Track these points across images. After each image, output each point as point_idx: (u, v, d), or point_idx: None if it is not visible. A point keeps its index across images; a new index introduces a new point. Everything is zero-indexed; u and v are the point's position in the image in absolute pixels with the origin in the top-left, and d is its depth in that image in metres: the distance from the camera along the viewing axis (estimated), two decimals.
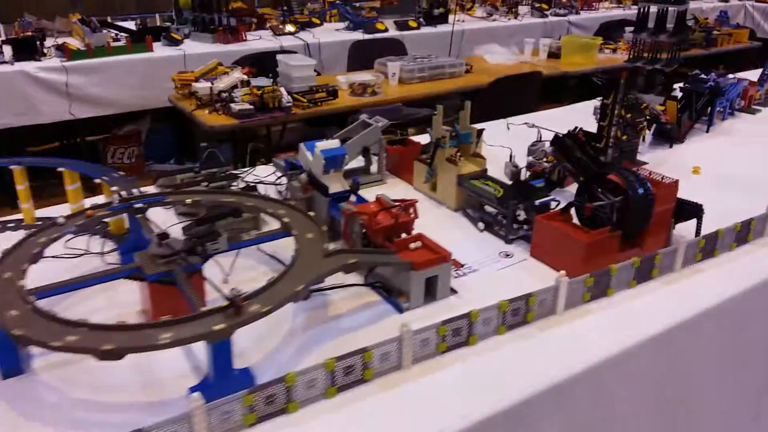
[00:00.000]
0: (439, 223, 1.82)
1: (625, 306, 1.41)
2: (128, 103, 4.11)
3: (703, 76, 2.64)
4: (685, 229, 1.67)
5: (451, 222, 1.83)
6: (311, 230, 1.38)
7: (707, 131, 2.64)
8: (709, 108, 2.63)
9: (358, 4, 5.73)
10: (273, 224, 1.54)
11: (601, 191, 1.56)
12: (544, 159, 2.01)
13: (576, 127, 2.17)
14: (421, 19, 5.36)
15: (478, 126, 2.18)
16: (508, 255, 1.62)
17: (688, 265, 1.56)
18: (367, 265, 1.41)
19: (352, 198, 1.68)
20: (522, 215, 1.64)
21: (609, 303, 1.42)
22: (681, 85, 2.69)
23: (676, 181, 1.60)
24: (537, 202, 1.63)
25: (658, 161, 2.31)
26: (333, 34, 4.98)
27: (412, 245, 1.43)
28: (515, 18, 5.91)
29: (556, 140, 1.97)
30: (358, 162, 2.10)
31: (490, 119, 2.78)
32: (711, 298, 1.45)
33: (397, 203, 1.51)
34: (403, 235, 1.45)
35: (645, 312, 1.39)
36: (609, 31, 5.38)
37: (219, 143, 4.79)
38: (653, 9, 2.94)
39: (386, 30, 5.08)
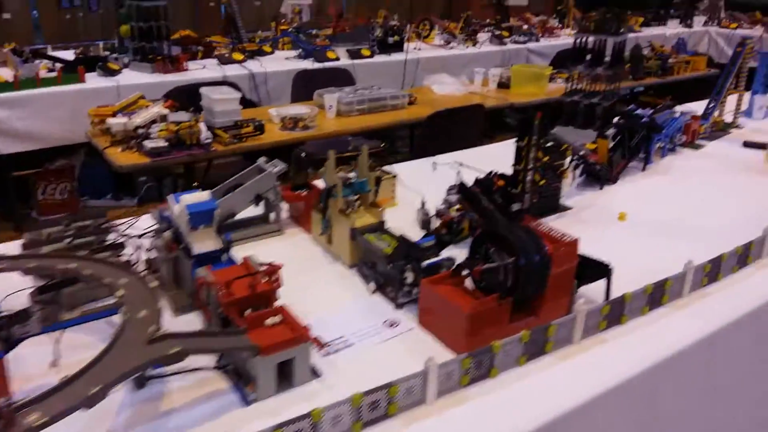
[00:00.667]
0: (330, 281, 1.65)
1: (509, 390, 1.23)
2: (57, 137, 3.91)
3: (638, 111, 2.50)
4: (595, 291, 1.51)
5: (343, 281, 1.65)
6: (147, 306, 1.19)
7: (643, 169, 2.49)
8: (646, 145, 2.49)
9: (314, 32, 5.60)
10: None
11: (494, 250, 1.39)
12: (453, 207, 1.85)
13: (491, 171, 2.01)
14: (375, 48, 5.24)
15: (404, 165, 2.04)
16: (393, 324, 1.44)
17: (589, 335, 1.39)
18: (198, 353, 1.22)
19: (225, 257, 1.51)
20: (409, 277, 1.46)
21: (491, 386, 1.24)
22: (616, 120, 2.56)
23: (576, 240, 1.44)
24: (425, 262, 1.46)
25: (584, 205, 2.16)
26: (282, 62, 4.84)
27: (270, 321, 1.25)
28: (473, 46, 5.82)
29: (461, 187, 1.81)
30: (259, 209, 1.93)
31: (427, 155, 2.63)
32: (613, 376, 1.28)
33: (264, 267, 1.34)
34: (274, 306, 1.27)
35: (533, 396, 1.22)
36: (565, 59, 5.28)
37: (159, 178, 4.60)
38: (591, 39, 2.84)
39: (337, 59, 4.95)
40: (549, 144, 1.97)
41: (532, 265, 1.33)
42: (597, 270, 1.50)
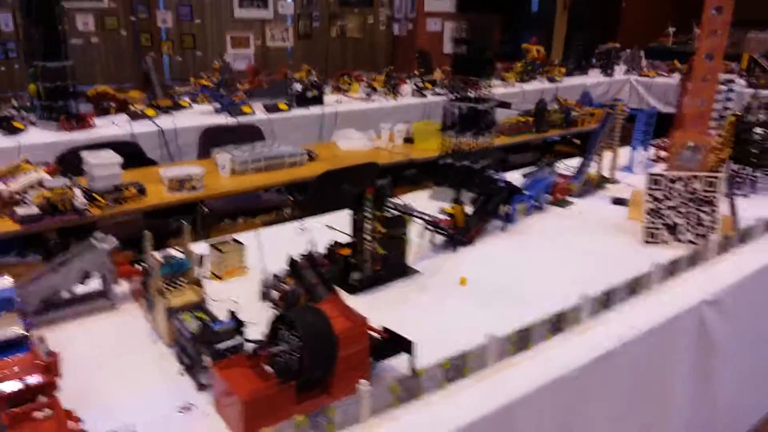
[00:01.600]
0: (146, 362, 1.64)
1: None
2: None
3: (496, 175, 2.59)
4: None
5: (160, 361, 1.64)
6: None
7: (504, 230, 2.57)
8: (506, 207, 2.57)
9: (238, 84, 5.67)
10: None
11: (287, 331, 1.41)
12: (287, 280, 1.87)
13: (332, 242, 2.05)
14: (293, 102, 5.32)
15: (277, 228, 2.05)
16: (188, 409, 1.43)
17: (378, 413, 1.41)
18: None
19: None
20: (206, 360, 1.47)
21: None
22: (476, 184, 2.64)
23: (364, 321, 1.46)
24: (222, 346, 1.47)
25: (433, 269, 2.20)
26: (196, 118, 4.86)
27: (40, 414, 1.24)
28: (395, 98, 5.95)
29: (290, 261, 1.83)
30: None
31: (316, 214, 2.68)
32: None
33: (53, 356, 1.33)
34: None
35: None
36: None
37: (66, 233, 4.51)
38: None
39: (253, 113, 5.00)
40: (389, 215, 2.02)
41: (317, 349, 1.35)
42: (399, 345, 1.53)
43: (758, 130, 3.27)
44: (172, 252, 1.78)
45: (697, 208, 2.38)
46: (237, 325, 1.50)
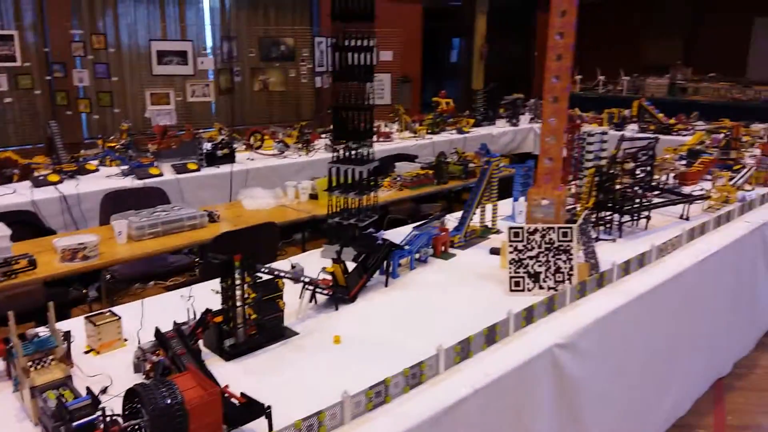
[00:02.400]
0: None
1: None
2: None
3: (374, 233, 2.75)
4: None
5: None
6: None
7: (386, 285, 2.72)
8: (387, 262, 2.73)
9: (149, 145, 5.70)
10: None
11: (139, 405, 1.49)
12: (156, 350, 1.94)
13: (206, 309, 2.14)
14: (203, 162, 5.40)
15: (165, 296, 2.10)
16: None
17: None
18: None
19: None
20: None
21: None
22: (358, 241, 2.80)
23: (218, 390, 1.56)
24: (77, 423, 1.52)
25: (312, 329, 2.32)
26: (102, 182, 4.86)
27: None
28: (307, 154, 6.12)
29: (156, 332, 1.91)
30: None
31: (212, 278, 2.74)
32: None
33: None
34: None
35: None
36: (386, 167, 5.69)
37: None
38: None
39: (161, 174, 5.04)
40: (260, 280, 2.14)
41: (165, 424, 1.43)
42: (256, 410, 1.62)
43: (621, 179, 3.61)
44: (38, 330, 1.82)
45: (555, 257, 2.61)
46: (94, 402, 1.56)
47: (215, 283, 2.20)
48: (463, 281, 2.81)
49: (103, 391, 1.84)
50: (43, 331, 1.90)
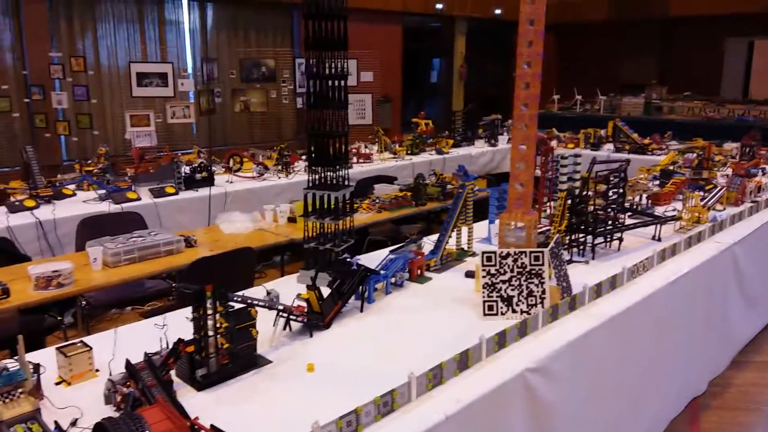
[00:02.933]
0: None
1: None
2: None
3: (349, 258, 2.77)
4: None
5: None
6: None
7: (361, 311, 2.73)
8: (363, 288, 2.74)
9: (127, 169, 5.69)
10: None
11: None
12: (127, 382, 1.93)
13: (179, 339, 2.13)
14: (182, 185, 5.39)
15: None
16: None
17: None
18: None
19: None
20: None
21: None
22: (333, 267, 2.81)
23: (184, 422, 1.56)
24: None
25: (286, 357, 2.32)
26: (78, 207, 4.83)
27: None
28: (287, 176, 6.14)
29: (127, 363, 1.90)
30: None
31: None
32: None
33: None
34: None
35: None
36: (365, 189, 5.72)
37: None
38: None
39: (138, 199, 5.03)
40: (232, 309, 2.14)
41: None
42: None
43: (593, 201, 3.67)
44: (7, 362, 1.81)
45: (527, 281, 2.64)
46: None
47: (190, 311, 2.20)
48: (439, 305, 2.83)
49: (73, 423, 1.83)
50: (12, 363, 1.88)
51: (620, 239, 3.61)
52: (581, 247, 3.50)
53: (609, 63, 13.95)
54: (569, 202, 3.33)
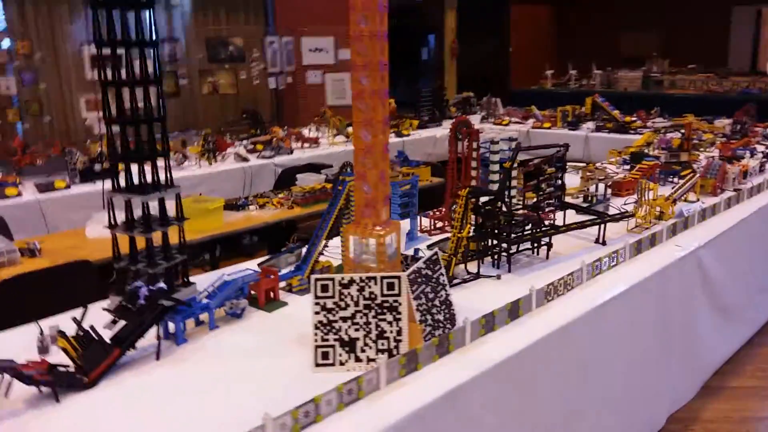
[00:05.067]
0: None
1: None
2: None
3: (140, 284, 2.05)
4: None
5: None
6: None
7: (157, 358, 2.02)
8: (159, 326, 2.03)
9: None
10: None
11: None
12: None
13: None
14: (77, 178, 4.71)
15: None
16: None
17: None
18: None
19: None
20: None
21: None
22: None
23: None
24: None
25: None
26: None
27: None
28: (210, 164, 5.43)
29: None
30: None
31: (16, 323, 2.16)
32: None
33: None
34: None
35: None
36: (288, 180, 4.98)
37: None
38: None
39: (19, 195, 4.36)
40: None
41: None
42: None
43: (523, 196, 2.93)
44: None
45: (378, 317, 1.92)
46: None
47: None
48: (276, 345, 2.12)
49: None
50: None
51: (548, 245, 2.86)
52: (496, 258, 2.77)
53: (609, 36, 13.04)
54: (473, 201, 2.58)
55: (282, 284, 2.49)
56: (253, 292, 2.39)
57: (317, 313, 1.91)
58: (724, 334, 3.49)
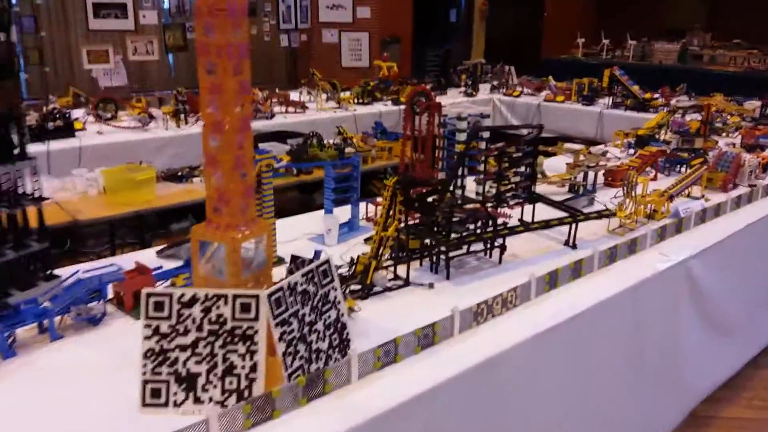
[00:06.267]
0: None
1: None
2: None
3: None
4: None
5: None
6: None
7: None
8: None
9: None
10: None
11: None
12: None
13: None
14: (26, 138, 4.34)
15: None
16: None
17: None
18: None
19: None
20: None
21: None
22: None
23: None
24: None
25: None
26: None
27: None
28: (178, 126, 5.02)
29: None
30: None
31: None
32: None
33: None
34: None
35: None
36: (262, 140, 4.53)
37: None
38: None
39: None
40: None
41: None
42: None
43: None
44: None
45: (226, 348, 1.49)
46: None
47: None
48: (123, 365, 1.70)
49: None
50: None
51: (501, 247, 2.38)
52: (434, 261, 2.31)
53: (652, 4, 12.14)
54: (400, 192, 2.11)
55: (166, 284, 2.08)
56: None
57: (148, 338, 1.49)
58: (716, 355, 2.98)
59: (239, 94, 1.44)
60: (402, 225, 2.15)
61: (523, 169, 2.61)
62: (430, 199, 2.21)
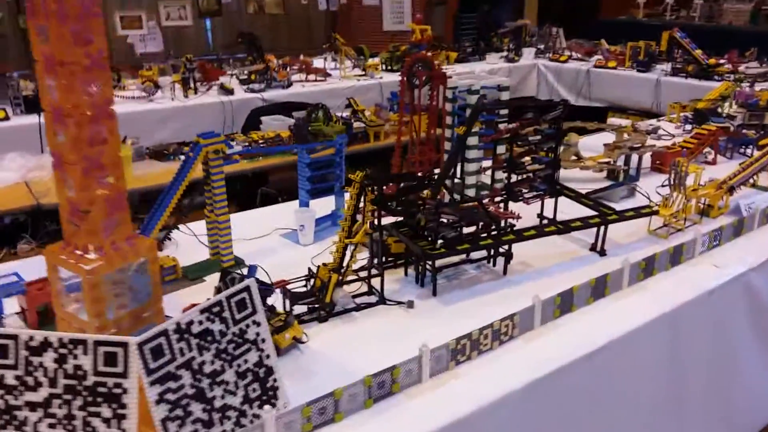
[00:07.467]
0: None
1: None
2: None
3: None
4: None
5: None
6: None
7: None
8: None
9: None
10: None
11: None
12: None
13: None
14: (21, 108, 4.09)
15: None
16: None
17: None
18: None
19: None
20: None
21: None
22: None
23: None
24: None
25: None
26: None
27: None
28: (186, 96, 4.67)
29: None
30: None
31: None
32: None
33: None
34: None
35: None
36: (251, 124, 4.12)
37: None
38: None
39: None
40: None
41: None
42: None
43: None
44: None
45: (87, 410, 1.11)
46: None
47: None
48: None
49: None
50: None
51: (506, 255, 1.91)
52: (420, 272, 1.86)
53: None
54: (369, 189, 1.66)
55: None
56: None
57: None
58: None
59: (89, 71, 1.02)
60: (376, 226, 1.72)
61: (543, 154, 2.13)
62: (411, 197, 1.75)
